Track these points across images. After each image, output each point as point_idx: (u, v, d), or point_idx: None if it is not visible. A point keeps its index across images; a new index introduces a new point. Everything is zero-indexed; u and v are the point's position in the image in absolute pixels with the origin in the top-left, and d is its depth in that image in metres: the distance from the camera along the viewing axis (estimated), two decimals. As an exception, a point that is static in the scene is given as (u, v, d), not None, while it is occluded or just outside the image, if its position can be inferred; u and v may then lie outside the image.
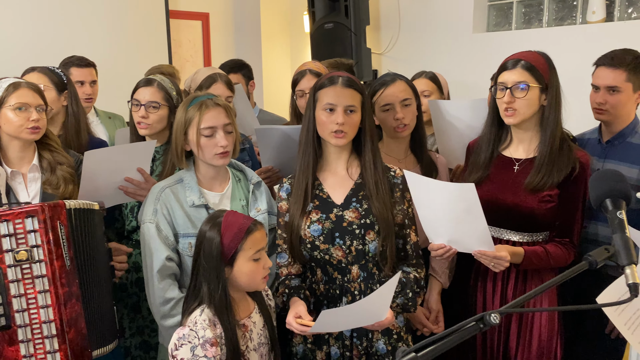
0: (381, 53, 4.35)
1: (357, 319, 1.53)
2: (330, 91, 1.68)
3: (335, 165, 1.76)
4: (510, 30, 3.71)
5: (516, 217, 1.82)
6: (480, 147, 1.94)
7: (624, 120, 2.26)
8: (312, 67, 2.35)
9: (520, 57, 1.82)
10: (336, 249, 1.69)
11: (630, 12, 3.19)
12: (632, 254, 0.96)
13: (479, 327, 0.84)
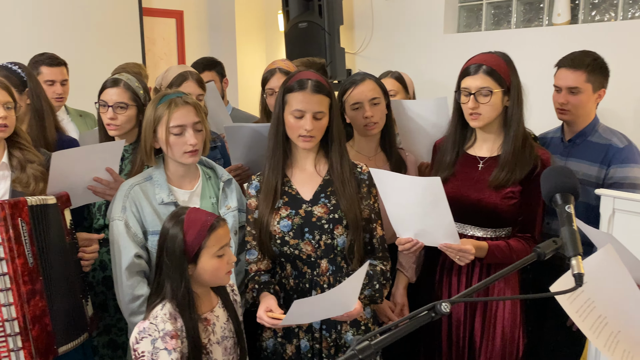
0: (355, 53, 4.39)
1: (326, 310, 1.56)
2: (300, 96, 1.70)
3: (304, 163, 1.80)
4: (480, 31, 3.79)
5: (480, 213, 1.87)
6: (446, 146, 1.99)
7: (585, 119, 2.33)
8: (281, 66, 2.37)
9: (481, 61, 1.85)
10: (305, 244, 1.72)
11: (593, 15, 3.29)
12: (578, 245, 1.01)
13: (430, 315, 0.87)
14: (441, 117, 2.11)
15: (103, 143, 2.04)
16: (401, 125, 2.17)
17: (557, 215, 1.09)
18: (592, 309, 1.15)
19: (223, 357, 1.60)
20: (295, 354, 1.77)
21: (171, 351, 1.46)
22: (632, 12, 3.16)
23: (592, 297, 1.15)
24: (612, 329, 1.15)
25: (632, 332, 1.16)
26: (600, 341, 1.13)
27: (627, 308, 1.16)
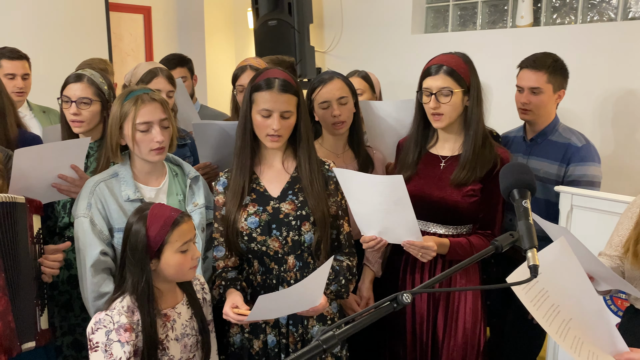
0: (324, 51, 4.42)
1: (292, 305, 1.58)
2: (267, 96, 1.70)
3: (272, 160, 1.81)
4: (447, 32, 3.86)
5: (442, 211, 1.91)
6: (408, 146, 2.02)
7: (546, 119, 2.41)
8: (252, 63, 2.38)
9: (441, 61, 1.88)
10: (273, 240, 1.73)
11: (555, 18, 3.39)
12: (533, 238, 1.06)
13: (392, 306, 0.90)
14: (408, 117, 2.15)
15: (68, 140, 2.01)
16: (369, 125, 2.20)
17: (515, 209, 1.13)
18: (546, 298, 1.20)
19: (182, 354, 1.60)
20: (263, 349, 1.79)
21: (124, 344, 1.46)
22: (590, 16, 3.27)
23: (546, 287, 1.20)
24: (564, 317, 1.21)
25: (582, 320, 1.22)
26: (553, 328, 1.18)
27: (578, 297, 1.22)
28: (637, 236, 1.56)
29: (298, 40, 4.11)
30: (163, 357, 1.54)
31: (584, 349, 1.18)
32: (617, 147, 3.05)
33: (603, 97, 3.07)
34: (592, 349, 1.19)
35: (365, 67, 2.86)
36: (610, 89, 3.05)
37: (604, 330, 1.22)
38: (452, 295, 1.94)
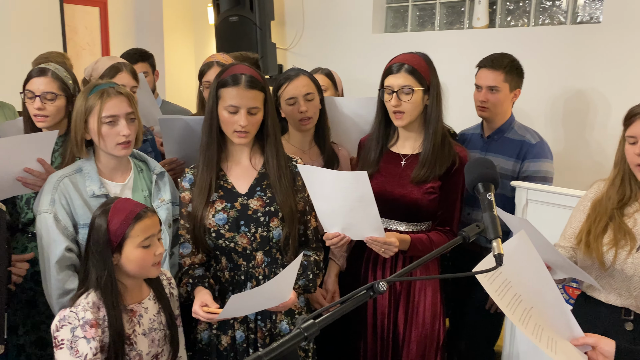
0: (286, 48, 4.43)
1: (263, 302, 1.59)
2: (234, 92, 1.71)
3: (239, 157, 1.81)
4: (406, 32, 3.94)
5: (403, 208, 1.95)
6: (370, 144, 2.06)
7: (502, 117, 2.51)
8: (219, 59, 2.38)
9: (403, 60, 1.93)
10: (241, 237, 1.74)
11: (509, 20, 3.52)
12: (498, 229, 1.12)
13: (369, 294, 0.94)
14: (371, 114, 2.19)
15: (35, 133, 1.96)
16: (334, 121, 2.24)
17: (480, 202, 1.19)
18: (509, 288, 1.26)
19: (150, 348, 1.60)
20: (231, 345, 1.79)
21: (90, 340, 1.45)
22: (542, 19, 3.42)
23: (508, 278, 1.26)
24: (526, 306, 1.28)
25: (542, 308, 1.29)
26: (516, 317, 1.25)
27: (537, 287, 1.29)
28: (589, 228, 1.65)
29: (260, 37, 4.11)
30: (131, 352, 1.54)
31: (544, 335, 1.25)
32: (567, 145, 3.19)
33: (554, 97, 3.22)
34: (551, 335, 1.27)
35: (327, 65, 2.89)
36: (560, 89, 3.19)
37: (561, 317, 1.30)
38: (412, 291, 1.99)
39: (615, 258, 1.58)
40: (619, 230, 1.60)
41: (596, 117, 3.09)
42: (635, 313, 1.56)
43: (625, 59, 2.92)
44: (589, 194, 1.77)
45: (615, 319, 1.59)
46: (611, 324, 1.58)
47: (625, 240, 1.58)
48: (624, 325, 1.58)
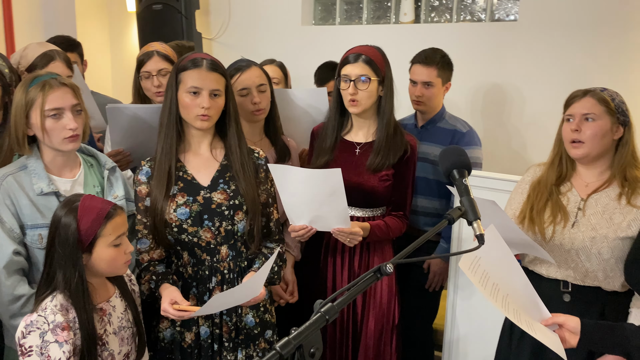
0: (212, 38, 4.34)
1: (238, 298, 1.59)
2: (195, 74, 1.69)
3: (198, 147, 1.78)
4: (335, 25, 4.02)
5: (360, 195, 2.02)
6: (325, 132, 2.11)
7: (435, 109, 2.66)
8: (159, 49, 2.30)
9: (360, 51, 2.01)
10: (205, 231, 1.72)
11: (433, 17, 3.71)
12: (477, 211, 1.21)
13: (376, 277, 0.99)
14: (322, 105, 2.25)
15: None
16: (284, 113, 2.26)
17: (456, 188, 1.28)
18: (488, 278, 1.37)
19: (120, 347, 1.55)
20: (195, 341, 1.77)
21: (62, 343, 1.39)
22: (463, 15, 3.63)
23: (486, 269, 1.37)
24: (503, 294, 1.39)
25: (515, 295, 1.42)
26: (498, 303, 1.36)
27: (509, 276, 1.41)
28: (531, 206, 1.82)
29: (185, 26, 4.00)
30: (103, 352, 1.48)
31: (522, 319, 1.37)
32: (486, 134, 3.43)
33: (474, 89, 3.44)
34: (527, 318, 1.39)
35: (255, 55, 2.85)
36: (480, 82, 3.42)
37: (531, 301, 1.43)
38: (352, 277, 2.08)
39: (554, 233, 1.75)
40: (556, 207, 1.77)
41: (512, 108, 3.35)
42: (572, 284, 1.74)
43: (539, 55, 3.18)
44: (527, 177, 1.94)
45: (555, 292, 1.76)
46: (552, 297, 1.75)
47: (562, 216, 1.76)
48: (563, 297, 1.76)
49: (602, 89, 1.74)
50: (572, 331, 1.38)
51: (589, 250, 1.69)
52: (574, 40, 3.07)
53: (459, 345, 2.41)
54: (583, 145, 1.71)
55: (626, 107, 1.74)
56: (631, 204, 1.69)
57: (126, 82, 4.56)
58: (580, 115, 1.72)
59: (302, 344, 0.87)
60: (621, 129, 1.72)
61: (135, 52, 4.43)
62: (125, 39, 4.65)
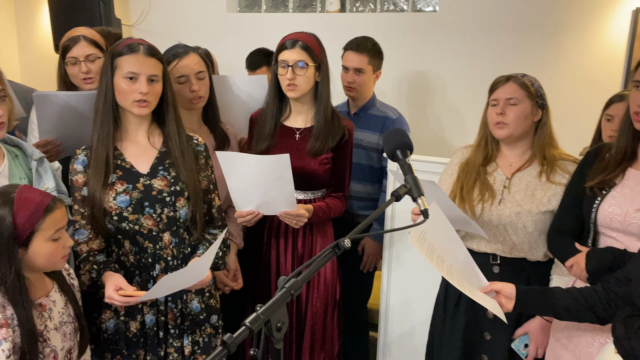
0: (132, 25, 4.18)
1: (185, 281, 1.58)
2: (132, 59, 1.65)
3: (136, 135, 1.74)
4: (261, 12, 4.00)
5: (301, 178, 2.05)
6: (264, 118, 2.13)
7: (366, 96, 2.74)
8: (86, 34, 2.19)
9: (297, 37, 2.04)
10: (146, 218, 1.69)
11: (358, 6, 3.79)
12: (420, 188, 1.28)
13: (335, 252, 1.03)
14: (259, 92, 2.24)
15: None
16: (222, 100, 2.24)
17: (400, 167, 1.35)
18: (433, 251, 1.45)
19: (62, 343, 1.49)
20: (140, 330, 1.74)
21: (1, 341, 1.32)
22: (387, 5, 3.74)
23: (432, 243, 1.45)
24: (447, 265, 1.48)
25: (458, 266, 1.51)
26: (444, 273, 1.44)
27: (452, 248, 1.51)
28: (461, 186, 1.93)
29: (103, 11, 3.81)
30: (45, 348, 1.42)
31: (465, 287, 1.46)
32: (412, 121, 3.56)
33: (399, 78, 3.57)
34: (469, 286, 1.49)
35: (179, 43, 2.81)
36: (404, 71, 3.55)
37: (471, 271, 1.54)
38: (313, 252, 2.13)
39: (483, 210, 1.87)
40: (484, 186, 1.90)
41: (435, 96, 3.51)
42: (501, 257, 1.88)
43: (458, 44, 3.35)
44: (455, 159, 2.05)
45: (485, 264, 1.89)
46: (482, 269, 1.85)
47: (489, 194, 1.89)
48: (492, 269, 1.89)
49: (523, 74, 1.88)
50: (508, 297, 1.49)
51: (515, 224, 1.83)
52: (491, 30, 3.26)
53: (394, 316, 2.52)
54: (507, 127, 1.84)
55: (543, 91, 1.88)
56: (550, 180, 1.84)
57: (36, 69, 4.31)
58: (504, 100, 1.84)
59: (270, 319, 0.89)
60: (540, 111, 1.87)
61: (46, 38, 4.18)
62: (35, 23, 4.38)
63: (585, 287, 1.48)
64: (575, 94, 3.08)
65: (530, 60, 3.15)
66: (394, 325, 2.55)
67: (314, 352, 2.19)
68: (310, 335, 2.16)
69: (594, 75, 3.04)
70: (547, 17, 3.12)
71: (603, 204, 1.59)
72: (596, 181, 1.62)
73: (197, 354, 1.83)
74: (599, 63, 3.03)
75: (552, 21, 3.11)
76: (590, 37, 3.05)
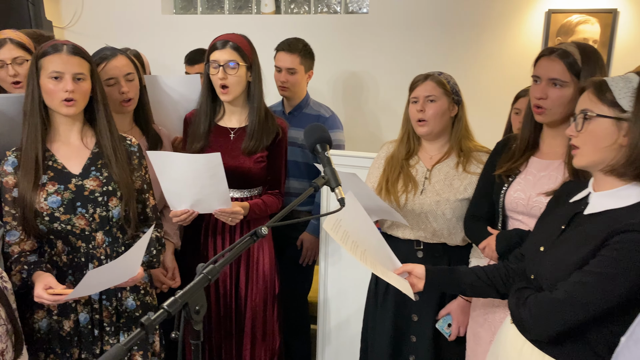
0: (63, 27, 4.10)
1: (114, 278, 1.61)
2: (56, 59, 1.66)
3: (68, 136, 1.76)
4: (197, 14, 4.02)
5: (237, 177, 2.11)
6: (199, 119, 2.17)
7: (300, 95, 2.83)
8: (12, 36, 2.17)
9: (228, 38, 2.10)
10: (79, 218, 1.71)
11: (292, 8, 3.88)
12: (338, 179, 1.36)
13: (253, 239, 1.11)
14: (192, 92, 2.28)
15: None
16: (154, 101, 2.26)
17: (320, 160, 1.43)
18: (348, 237, 1.55)
19: None
20: (74, 329, 1.76)
21: None
22: (320, 8, 3.85)
23: (346, 230, 1.55)
24: (362, 249, 1.58)
25: (373, 251, 1.62)
26: (358, 257, 1.54)
27: (367, 234, 1.61)
28: (386, 178, 2.05)
29: (33, 13, 3.73)
30: (-25, 352, 1.42)
31: (378, 269, 1.57)
32: (347, 119, 3.70)
33: (334, 77, 3.68)
34: (382, 268, 1.60)
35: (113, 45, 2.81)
36: (338, 71, 3.67)
37: (385, 254, 1.64)
38: (251, 248, 2.19)
39: (407, 200, 1.99)
40: (407, 178, 2.02)
41: (369, 94, 3.65)
42: (424, 243, 2.01)
43: (388, 45, 3.50)
44: (381, 153, 2.17)
45: (410, 250, 2.02)
46: (408, 255, 2.00)
47: (412, 185, 2.01)
48: (417, 254, 2.01)
49: (439, 72, 2.02)
50: (419, 277, 1.61)
51: (435, 212, 1.96)
52: (418, 30, 3.42)
53: (331, 307, 2.62)
54: (427, 124, 1.97)
55: (458, 88, 2.02)
56: (466, 170, 1.98)
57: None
58: (424, 97, 1.97)
59: (188, 302, 0.95)
60: (456, 107, 2.01)
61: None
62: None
63: (488, 265, 1.61)
64: (496, 90, 3.28)
65: (455, 59, 3.33)
66: (331, 316, 2.64)
67: (255, 347, 2.24)
68: (250, 330, 2.22)
69: (512, 73, 3.25)
70: (469, 18, 3.31)
71: (509, 190, 1.74)
72: (504, 169, 1.77)
73: (134, 350, 1.86)
74: (516, 61, 3.24)
75: (474, 22, 3.30)
76: (509, 37, 3.26)
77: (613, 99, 1.25)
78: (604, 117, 1.26)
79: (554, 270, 1.32)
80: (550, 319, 1.28)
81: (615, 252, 1.21)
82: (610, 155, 1.26)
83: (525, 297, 1.35)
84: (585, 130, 1.29)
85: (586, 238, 1.28)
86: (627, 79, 1.25)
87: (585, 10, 3.06)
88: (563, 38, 3.12)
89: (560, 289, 1.28)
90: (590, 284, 1.23)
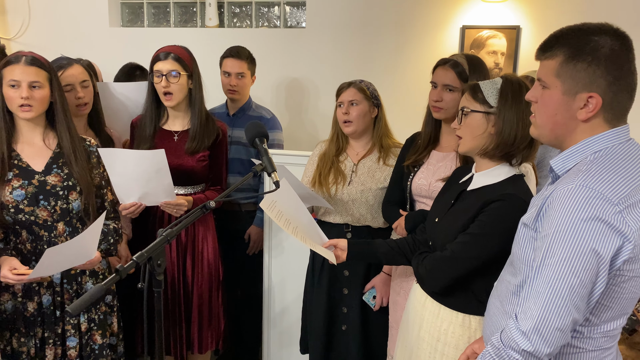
0: (10, 39, 4.21)
1: (72, 259, 1.80)
2: (14, 68, 1.86)
3: (31, 137, 1.96)
4: (143, 27, 4.22)
5: (181, 175, 2.35)
6: (144, 123, 2.39)
7: (244, 98, 3.09)
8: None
9: (169, 50, 2.34)
10: (41, 210, 1.91)
11: (235, 22, 4.15)
12: (273, 165, 1.64)
13: (203, 211, 1.38)
14: (140, 98, 2.51)
15: None
16: (106, 106, 2.48)
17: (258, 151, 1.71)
18: (282, 215, 1.83)
19: None
20: (38, 310, 1.96)
21: None
22: (261, 22, 4.14)
23: (281, 209, 1.82)
24: (294, 226, 1.86)
25: (303, 227, 1.89)
26: (290, 232, 1.81)
27: (298, 214, 1.89)
28: (320, 173, 2.35)
29: (-20, 25, 3.83)
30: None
31: (308, 242, 1.85)
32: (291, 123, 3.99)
33: (276, 86, 3.97)
34: (311, 241, 1.88)
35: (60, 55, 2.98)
36: (281, 79, 3.96)
37: (314, 231, 1.93)
38: (196, 240, 2.43)
39: (337, 191, 2.30)
40: (337, 172, 2.34)
41: (310, 100, 3.95)
42: (352, 226, 2.32)
43: (325, 55, 3.83)
44: (316, 151, 2.48)
45: (340, 233, 2.32)
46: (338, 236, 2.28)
47: (341, 178, 2.33)
48: (346, 236, 2.32)
49: (361, 80, 2.35)
50: (342, 249, 1.91)
51: (360, 199, 2.28)
52: (350, 42, 3.76)
53: (276, 292, 2.88)
54: (351, 124, 2.29)
55: (378, 93, 2.36)
56: (386, 163, 2.31)
57: None
58: (348, 102, 2.29)
59: (152, 256, 1.21)
60: (376, 109, 2.34)
61: None
62: None
63: (400, 238, 1.94)
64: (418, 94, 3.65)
65: (382, 67, 3.70)
66: (276, 300, 2.90)
67: (202, 330, 2.47)
68: (197, 314, 2.45)
69: (433, 81, 3.63)
70: (395, 31, 3.68)
71: (415, 178, 2.09)
72: (410, 161, 2.11)
73: (94, 330, 2.06)
74: (437, 71, 3.63)
75: (399, 35, 3.68)
76: (429, 48, 3.65)
77: (483, 97, 1.60)
78: (476, 112, 1.61)
79: (444, 235, 1.66)
80: (441, 272, 1.62)
81: (487, 217, 1.56)
82: (483, 142, 1.61)
83: (422, 258, 1.68)
84: (464, 123, 1.64)
85: (468, 208, 1.62)
86: (494, 82, 1.61)
87: (493, 26, 3.50)
88: (476, 50, 3.54)
89: (449, 248, 1.61)
90: (469, 242, 1.57)
